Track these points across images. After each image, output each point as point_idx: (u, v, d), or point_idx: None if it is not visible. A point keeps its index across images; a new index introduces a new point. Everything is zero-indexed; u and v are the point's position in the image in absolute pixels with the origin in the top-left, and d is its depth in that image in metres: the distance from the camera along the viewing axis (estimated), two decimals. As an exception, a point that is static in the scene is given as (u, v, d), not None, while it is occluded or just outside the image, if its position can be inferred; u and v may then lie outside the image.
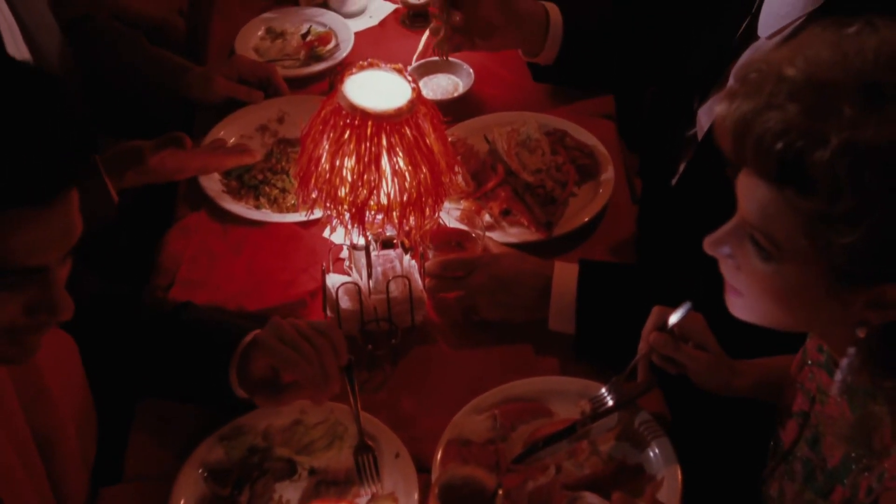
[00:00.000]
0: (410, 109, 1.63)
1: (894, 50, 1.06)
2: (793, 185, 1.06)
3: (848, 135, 1.01)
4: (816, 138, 1.02)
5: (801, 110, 1.04)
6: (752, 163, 1.10)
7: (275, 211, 1.98)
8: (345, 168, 1.65)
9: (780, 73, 1.07)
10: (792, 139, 1.04)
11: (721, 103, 1.12)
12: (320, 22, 2.41)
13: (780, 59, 1.09)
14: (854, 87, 1.03)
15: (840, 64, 1.05)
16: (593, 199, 1.97)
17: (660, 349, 1.53)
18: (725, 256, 1.19)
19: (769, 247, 1.12)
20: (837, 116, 1.02)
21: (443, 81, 2.25)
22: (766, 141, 1.05)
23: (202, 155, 2.01)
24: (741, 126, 1.08)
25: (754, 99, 1.08)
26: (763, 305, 1.19)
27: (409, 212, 1.68)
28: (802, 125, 1.03)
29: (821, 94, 1.04)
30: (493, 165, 1.98)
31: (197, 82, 2.15)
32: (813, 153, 1.02)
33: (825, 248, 1.07)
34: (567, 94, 2.21)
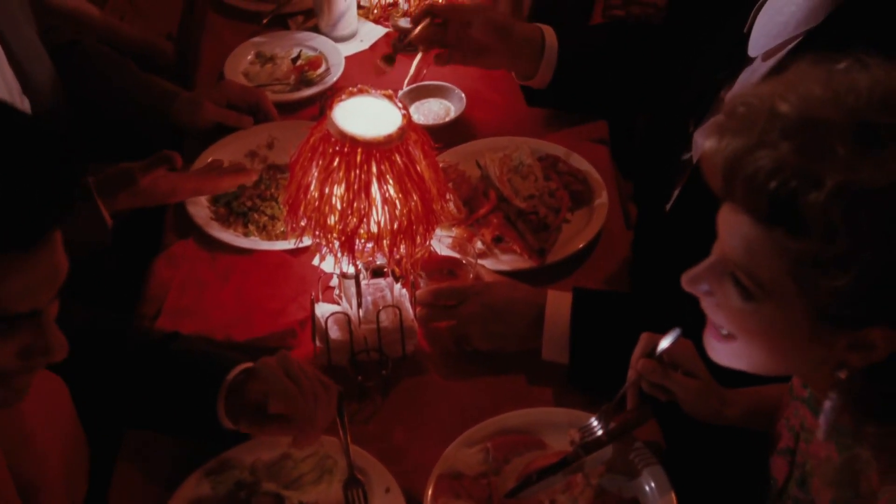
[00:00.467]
0: (401, 136, 1.60)
1: (887, 90, 1.03)
2: (783, 226, 1.03)
3: (843, 177, 0.99)
4: (811, 179, 1.00)
5: (794, 149, 1.01)
6: (742, 200, 1.07)
7: (263, 238, 1.96)
8: (334, 196, 1.62)
9: (772, 108, 1.05)
10: (785, 178, 1.01)
11: (710, 138, 1.09)
12: (311, 46, 2.39)
13: (772, 94, 1.06)
14: (848, 127, 1.01)
15: (833, 101, 1.03)
16: (587, 225, 1.94)
17: (648, 376, 1.51)
18: (704, 294, 1.17)
19: (751, 286, 1.09)
20: (832, 157, 1.00)
21: (434, 106, 2.23)
22: (758, 179, 1.03)
23: (196, 177, 1.98)
24: (732, 163, 1.05)
25: (745, 135, 1.05)
26: (740, 349, 1.17)
27: (399, 240, 1.65)
28: (796, 164, 1.01)
29: (815, 132, 1.02)
30: (485, 191, 1.96)
31: (185, 107, 2.13)
32: (807, 194, 1.00)
33: (811, 290, 1.04)
34: (560, 119, 2.19)
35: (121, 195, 1.86)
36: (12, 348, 1.14)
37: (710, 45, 1.88)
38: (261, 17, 2.48)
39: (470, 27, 1.99)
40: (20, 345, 1.14)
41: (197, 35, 2.52)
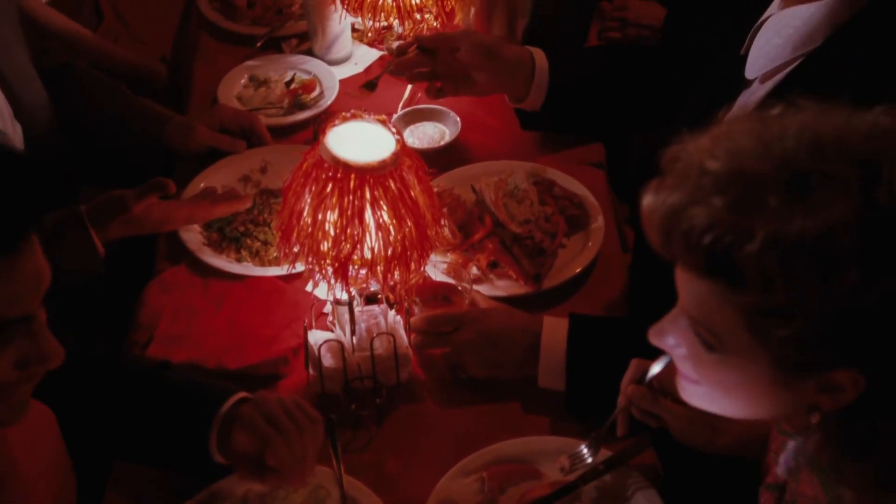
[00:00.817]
0: (394, 162, 1.58)
1: (816, 135, 1.02)
2: (724, 279, 1.02)
3: (774, 227, 0.97)
4: (743, 232, 0.99)
5: (726, 204, 1.00)
6: (682, 257, 1.06)
7: (256, 264, 1.93)
8: (327, 222, 1.61)
9: (702, 165, 1.03)
10: (719, 234, 1.00)
11: (647, 195, 1.08)
12: (304, 69, 2.38)
13: (701, 149, 1.05)
14: (778, 177, 1.00)
15: (762, 153, 1.02)
16: (583, 250, 1.92)
17: (638, 402, 1.49)
18: (671, 347, 1.15)
19: (711, 339, 1.08)
20: (763, 209, 0.99)
21: (429, 130, 2.21)
22: (693, 236, 1.01)
23: (189, 205, 1.96)
24: (668, 221, 1.04)
25: (679, 192, 1.03)
26: (714, 395, 1.15)
27: (393, 266, 1.63)
28: (728, 219, 0.99)
29: (745, 186, 1.00)
30: (480, 216, 1.94)
31: (178, 132, 2.11)
32: (741, 247, 0.99)
33: (765, 340, 1.03)
34: (555, 143, 2.18)
35: (113, 224, 1.83)
36: (9, 358, 1.13)
37: (707, 68, 1.87)
38: (255, 41, 2.47)
39: (458, 52, 1.98)
40: (17, 354, 1.14)
41: (191, 57, 2.51)
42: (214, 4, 2.56)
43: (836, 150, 1.01)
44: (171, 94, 2.62)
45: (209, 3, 2.56)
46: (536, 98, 2.01)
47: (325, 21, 2.34)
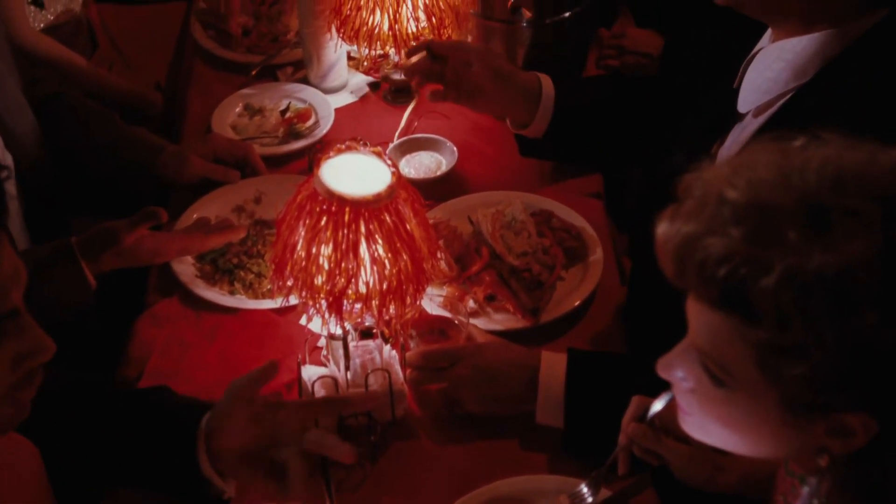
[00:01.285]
0: (390, 195, 1.56)
1: (838, 170, 0.99)
2: (738, 313, 0.99)
3: (793, 262, 0.95)
4: (760, 265, 0.96)
5: (743, 235, 0.98)
6: (696, 288, 1.03)
7: (250, 297, 1.90)
8: (321, 256, 1.58)
9: (720, 195, 1.01)
10: (735, 266, 0.97)
11: (662, 223, 1.05)
12: (300, 98, 2.35)
13: (721, 178, 1.03)
14: (798, 210, 0.97)
15: (782, 185, 0.99)
16: (581, 282, 1.90)
17: (639, 441, 1.46)
18: (679, 380, 1.12)
19: (720, 373, 1.05)
20: (781, 242, 0.96)
21: (425, 159, 2.19)
22: (708, 267, 0.99)
23: (182, 237, 1.93)
24: (682, 250, 1.02)
25: (695, 221, 1.01)
26: (718, 430, 1.12)
27: (389, 301, 1.60)
28: (745, 251, 0.97)
29: (764, 218, 0.98)
30: (477, 248, 1.91)
31: (171, 162, 2.08)
32: (757, 281, 0.96)
33: (776, 378, 1.00)
34: (554, 173, 2.15)
35: (104, 256, 1.80)
36: (5, 358, 1.12)
37: (701, 100, 1.85)
38: (250, 69, 2.44)
39: (470, 67, 1.95)
40: (11, 352, 1.12)
41: (185, 85, 2.49)
42: (209, 32, 2.54)
43: (859, 185, 0.98)
44: (165, 121, 2.60)
45: (204, 31, 2.54)
46: (540, 125, 1.99)
47: (320, 49, 2.32)
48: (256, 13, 2.55)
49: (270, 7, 2.57)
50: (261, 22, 2.53)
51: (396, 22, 2.13)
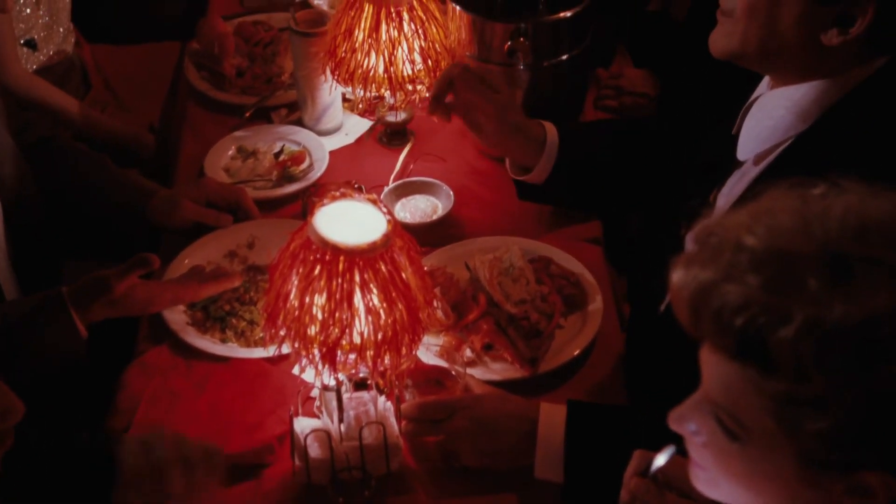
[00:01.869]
0: (385, 243, 1.53)
1: (861, 218, 0.96)
2: (755, 364, 0.96)
3: (813, 312, 0.92)
4: (779, 314, 0.93)
5: (762, 283, 0.94)
6: (711, 337, 1.00)
7: (242, 345, 1.86)
8: (315, 306, 1.55)
9: (738, 241, 0.98)
10: (753, 315, 0.94)
11: (677, 269, 1.02)
12: (294, 140, 2.32)
13: (739, 225, 1.00)
14: (819, 259, 0.94)
15: (803, 232, 0.96)
16: (581, 331, 1.86)
17: (641, 496, 1.41)
18: (692, 434, 1.08)
19: (734, 427, 1.01)
20: (801, 291, 0.93)
21: (421, 203, 2.15)
22: (724, 315, 0.96)
23: (175, 286, 1.89)
24: (698, 298, 0.98)
25: (712, 268, 0.98)
26: (731, 486, 1.08)
27: (383, 351, 1.57)
28: (764, 300, 0.94)
29: (783, 265, 0.95)
30: (474, 296, 1.88)
31: (163, 206, 2.05)
32: (775, 331, 0.93)
33: (794, 432, 0.96)
34: (552, 217, 2.12)
35: (95, 305, 1.76)
36: None
37: (701, 145, 1.83)
38: (243, 110, 2.41)
39: (488, 118, 1.92)
40: None
41: (179, 126, 2.45)
42: (203, 74, 2.51)
43: (883, 235, 0.96)
44: (158, 163, 2.57)
45: (197, 73, 2.51)
46: (542, 171, 1.96)
47: (315, 91, 2.29)
48: (251, 54, 2.52)
49: (265, 48, 2.55)
50: (255, 63, 2.51)
51: (392, 65, 2.11)
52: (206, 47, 2.51)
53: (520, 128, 1.94)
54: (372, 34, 2.10)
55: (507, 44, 2.13)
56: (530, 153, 1.95)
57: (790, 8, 1.49)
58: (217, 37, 2.49)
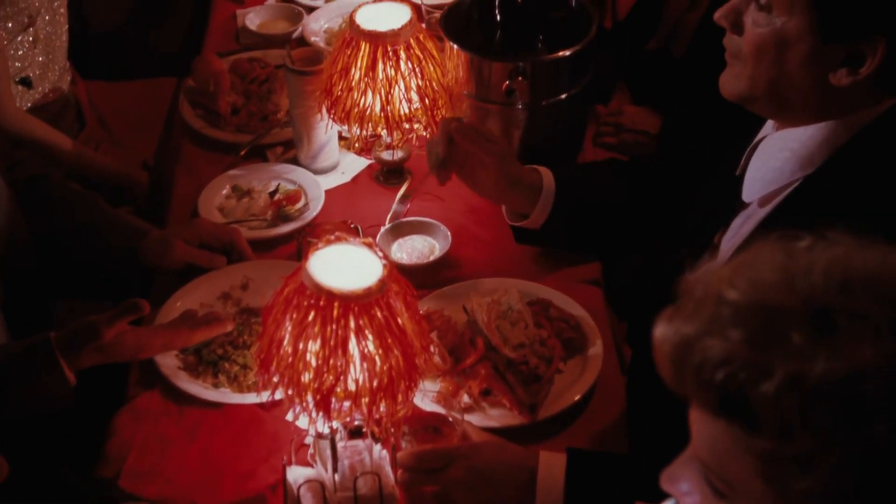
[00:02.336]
0: (381, 289, 1.50)
1: (846, 272, 0.93)
2: (739, 421, 0.92)
3: (795, 366, 0.88)
4: (760, 369, 0.89)
5: (743, 337, 0.91)
6: (694, 394, 0.96)
7: (234, 390, 1.82)
8: (309, 352, 1.52)
9: (721, 295, 0.95)
10: (734, 370, 0.90)
11: (660, 323, 0.98)
12: (289, 179, 2.29)
13: (722, 278, 0.97)
14: (802, 313, 0.91)
15: (786, 286, 0.93)
16: (581, 376, 1.82)
17: None
18: (683, 494, 1.05)
19: (722, 486, 0.97)
20: (784, 345, 0.90)
21: (418, 244, 2.12)
22: (706, 371, 0.92)
23: (166, 331, 1.85)
24: (680, 352, 0.95)
25: (694, 322, 0.95)
26: None
27: (379, 398, 1.54)
28: (745, 354, 0.90)
29: (766, 319, 0.92)
30: (472, 339, 1.84)
31: (155, 247, 2.01)
32: (757, 386, 0.89)
33: (782, 492, 0.92)
34: (551, 259, 2.08)
35: (84, 352, 1.73)
36: None
37: (704, 186, 1.80)
38: (238, 148, 2.38)
39: (484, 168, 1.89)
40: None
41: (171, 166, 2.42)
42: (198, 111, 2.48)
43: (868, 288, 0.92)
44: (153, 201, 2.54)
45: (192, 110, 2.48)
46: (539, 217, 1.93)
47: (310, 130, 2.26)
48: (246, 91, 2.50)
49: (260, 85, 2.52)
50: (250, 100, 2.48)
51: (389, 103, 2.08)
52: (202, 85, 2.48)
53: (518, 178, 1.92)
54: (368, 73, 2.07)
55: (506, 83, 2.11)
56: (527, 201, 1.92)
57: (798, 48, 1.47)
58: (212, 74, 2.46)
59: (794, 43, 1.46)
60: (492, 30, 2.26)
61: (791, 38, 1.47)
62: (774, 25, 1.48)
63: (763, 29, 1.49)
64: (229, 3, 2.92)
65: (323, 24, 2.75)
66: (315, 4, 2.84)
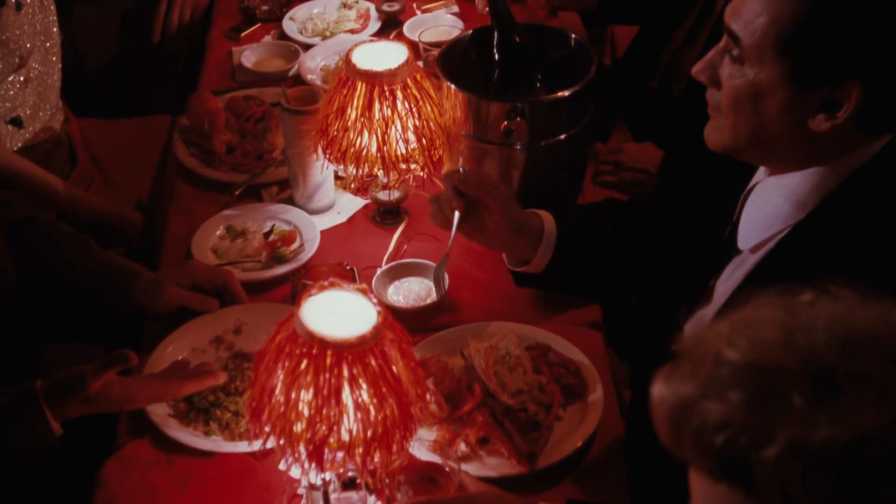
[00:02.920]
0: (375, 337, 1.46)
1: (847, 330, 0.90)
2: (738, 486, 0.89)
3: (797, 432, 0.86)
4: (761, 434, 0.87)
5: (743, 400, 0.89)
6: (693, 458, 0.93)
7: (226, 438, 1.78)
8: (301, 401, 1.48)
9: (719, 354, 0.92)
10: (734, 434, 0.88)
11: (658, 383, 0.95)
12: (285, 219, 2.25)
13: (720, 336, 0.94)
14: (803, 373, 0.88)
15: (786, 345, 0.90)
16: (581, 423, 1.78)
17: None
18: None
19: None
20: (785, 408, 0.87)
21: (415, 286, 2.09)
22: (705, 434, 0.89)
23: (155, 382, 1.81)
24: (678, 414, 0.92)
25: (692, 382, 0.92)
26: None
27: (373, 449, 1.50)
28: (745, 418, 0.88)
29: (766, 381, 0.89)
30: (469, 385, 1.80)
31: (147, 290, 1.98)
32: (758, 451, 0.87)
33: None
34: (550, 302, 2.05)
35: (70, 402, 1.69)
36: None
37: (700, 231, 1.78)
38: (233, 188, 2.35)
39: (489, 213, 1.86)
40: None
41: (165, 206, 2.39)
42: (192, 150, 2.45)
43: (870, 348, 0.89)
44: (146, 242, 2.51)
45: (186, 149, 2.45)
46: (540, 262, 1.90)
47: (306, 169, 2.23)
48: (241, 130, 2.47)
49: (256, 124, 2.49)
50: (246, 139, 2.45)
51: (385, 143, 2.05)
52: (196, 123, 2.45)
53: (522, 223, 1.88)
54: (365, 113, 2.05)
55: (504, 123, 2.08)
56: (528, 246, 1.89)
57: (773, 97, 1.47)
58: (207, 112, 2.44)
59: (769, 93, 1.47)
60: (490, 69, 2.23)
61: (765, 89, 1.47)
62: (748, 77, 1.48)
63: (738, 81, 1.50)
64: (225, 40, 2.91)
65: (319, 62, 2.73)
66: (311, 42, 2.82)
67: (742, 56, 1.48)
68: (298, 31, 2.88)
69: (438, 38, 2.68)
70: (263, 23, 2.96)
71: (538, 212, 1.91)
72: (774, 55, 1.44)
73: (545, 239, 1.88)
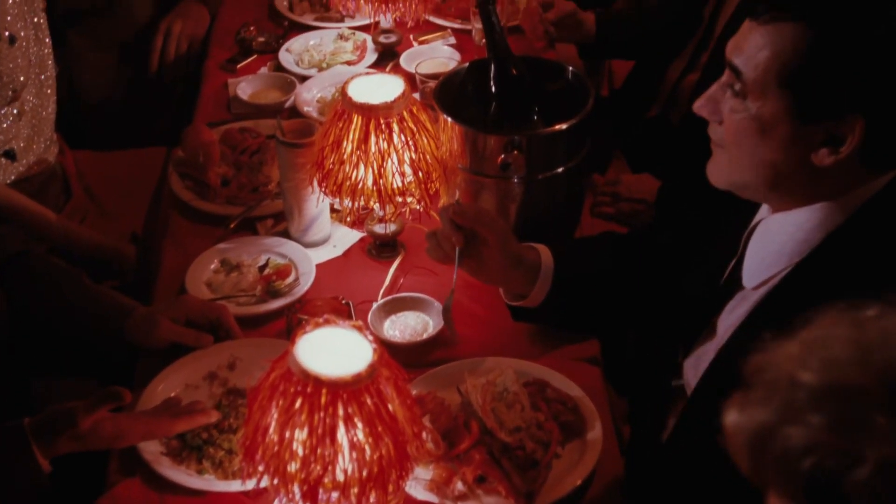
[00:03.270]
0: (371, 374, 1.44)
1: None
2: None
3: (887, 451, 0.86)
4: (850, 456, 0.87)
5: (825, 423, 0.88)
6: (776, 484, 0.92)
7: (219, 477, 1.75)
8: (296, 440, 1.46)
9: (793, 377, 0.91)
10: (820, 458, 0.88)
11: (730, 412, 0.95)
12: (280, 253, 2.23)
13: (791, 358, 0.93)
14: (883, 391, 0.88)
15: (862, 363, 0.90)
16: (580, 461, 1.75)
17: None
18: None
19: None
20: (869, 429, 0.87)
21: (411, 320, 2.06)
22: (789, 460, 0.89)
23: (146, 419, 1.78)
24: (757, 442, 0.92)
25: (768, 409, 0.92)
26: None
27: (369, 489, 1.48)
28: (831, 441, 0.88)
29: (846, 402, 0.89)
30: (466, 422, 1.77)
31: (140, 325, 1.96)
32: (848, 473, 0.87)
33: None
34: (548, 337, 2.02)
35: (60, 439, 1.66)
36: None
37: (699, 264, 1.76)
38: (228, 221, 2.33)
39: (486, 247, 1.84)
40: None
41: (159, 239, 2.37)
42: (187, 183, 2.43)
43: None
44: (140, 275, 2.48)
45: (181, 182, 2.43)
46: (538, 297, 1.88)
47: (302, 202, 2.21)
48: (237, 162, 2.45)
49: (251, 156, 2.47)
50: (241, 172, 2.43)
51: (381, 177, 2.03)
52: (191, 156, 2.44)
53: (519, 257, 1.86)
54: (361, 146, 2.03)
55: (501, 156, 2.06)
56: (526, 281, 1.87)
57: (776, 131, 1.46)
58: (202, 145, 2.42)
59: (771, 127, 1.46)
60: (487, 101, 2.22)
61: (768, 123, 1.46)
62: (750, 111, 1.47)
63: (740, 115, 1.49)
64: (221, 71, 2.90)
65: (315, 94, 2.72)
66: (308, 74, 2.81)
67: (744, 90, 1.47)
68: (295, 62, 2.87)
69: (435, 69, 2.67)
70: (260, 54, 2.95)
71: (535, 245, 1.89)
72: (777, 89, 1.43)
73: (542, 273, 1.86)
